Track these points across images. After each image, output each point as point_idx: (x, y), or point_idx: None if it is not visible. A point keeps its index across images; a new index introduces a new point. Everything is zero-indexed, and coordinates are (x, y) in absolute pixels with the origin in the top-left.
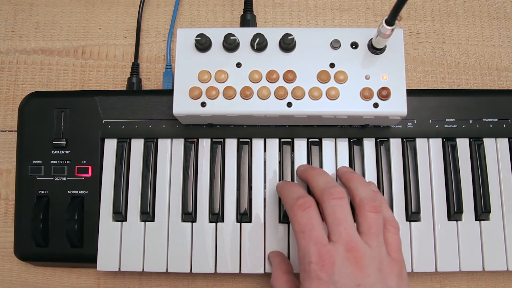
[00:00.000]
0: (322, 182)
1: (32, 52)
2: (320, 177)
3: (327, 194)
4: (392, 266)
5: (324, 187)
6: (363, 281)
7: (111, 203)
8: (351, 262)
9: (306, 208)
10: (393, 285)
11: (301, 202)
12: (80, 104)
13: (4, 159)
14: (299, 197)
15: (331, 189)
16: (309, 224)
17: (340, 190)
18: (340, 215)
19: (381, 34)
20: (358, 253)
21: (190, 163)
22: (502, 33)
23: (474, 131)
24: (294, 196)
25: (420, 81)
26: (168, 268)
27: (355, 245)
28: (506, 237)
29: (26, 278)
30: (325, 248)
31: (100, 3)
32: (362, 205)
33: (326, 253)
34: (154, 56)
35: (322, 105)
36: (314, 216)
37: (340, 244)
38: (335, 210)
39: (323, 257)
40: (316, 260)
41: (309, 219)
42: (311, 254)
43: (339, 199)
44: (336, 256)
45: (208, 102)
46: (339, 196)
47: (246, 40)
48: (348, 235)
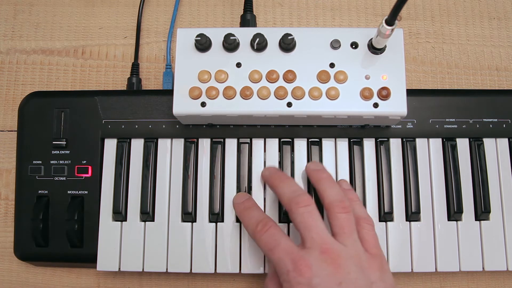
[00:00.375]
0: (288, 191)
1: (32, 52)
2: (285, 185)
3: (294, 204)
4: (371, 261)
5: (290, 196)
6: (344, 278)
7: (111, 203)
8: (328, 263)
9: (266, 231)
10: (375, 278)
11: (260, 226)
12: (80, 104)
13: (4, 159)
14: (258, 222)
15: (298, 198)
16: (273, 241)
17: (306, 198)
18: (309, 221)
19: (381, 34)
20: (333, 253)
21: (190, 163)
22: (502, 33)
23: (474, 131)
24: (252, 222)
25: (420, 81)
26: (168, 268)
27: (330, 247)
28: (506, 237)
29: (26, 278)
30: (298, 254)
31: (100, 3)
32: (331, 207)
33: (300, 259)
34: (154, 56)
35: (322, 105)
36: (275, 233)
37: (314, 249)
38: (304, 218)
39: (297, 262)
40: (292, 268)
41: (272, 237)
42: (286, 264)
43: (306, 207)
44: (311, 260)
45: (208, 102)
46: (305, 204)
47: (246, 40)
48: (321, 238)
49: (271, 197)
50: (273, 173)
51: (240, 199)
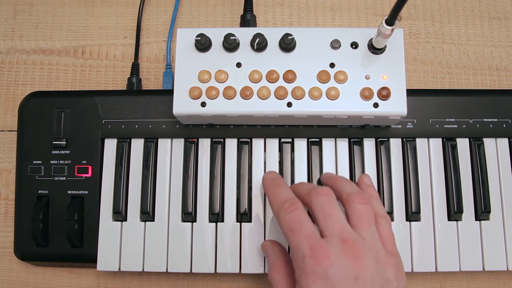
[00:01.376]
0: (308, 187)
1: (32, 52)
2: (304, 184)
3: (314, 193)
4: (389, 258)
5: (310, 189)
6: (362, 273)
7: (111, 203)
8: (347, 254)
9: (294, 210)
10: (391, 276)
11: (288, 204)
12: (80, 104)
13: (4, 159)
14: (286, 200)
15: (318, 189)
16: (297, 222)
17: (326, 188)
18: (329, 209)
19: (381, 34)
20: (354, 244)
21: (190, 163)
22: (502, 33)
23: (474, 131)
24: (280, 199)
25: (420, 81)
26: (168, 268)
27: (350, 237)
28: (506, 237)
29: (26, 278)
30: (318, 242)
31: (100, 3)
32: (350, 199)
33: (319, 247)
34: (154, 56)
35: (322, 105)
36: (301, 214)
37: (334, 237)
38: (324, 206)
39: (316, 250)
40: (309, 254)
41: (297, 217)
42: (304, 249)
43: (326, 196)
44: (330, 249)
45: (208, 102)
46: (325, 193)
47: (246, 40)
48: (341, 227)
49: None
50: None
51: (271, 175)
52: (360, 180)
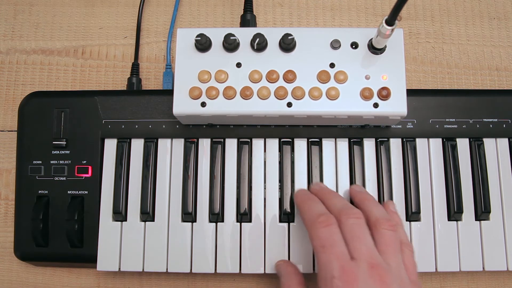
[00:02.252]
0: (339, 204)
1: (32, 52)
2: (336, 199)
3: (344, 214)
4: (412, 287)
5: (341, 208)
6: None
7: (111, 203)
8: (375, 280)
9: (328, 225)
10: None
11: (323, 219)
12: (80, 104)
13: (4, 159)
14: (320, 214)
15: (348, 210)
16: (330, 239)
17: (357, 211)
18: (358, 232)
19: (381, 34)
20: (382, 270)
21: (190, 163)
22: (502, 33)
23: (474, 131)
24: (315, 213)
25: (420, 81)
26: (168, 268)
27: (378, 262)
28: (506, 237)
29: (26, 278)
30: (348, 264)
31: (100, 3)
32: (378, 223)
33: (349, 269)
34: (154, 56)
35: (322, 105)
36: (336, 232)
37: (362, 261)
38: (353, 228)
39: (346, 272)
40: (339, 275)
41: (331, 235)
42: (334, 269)
43: (356, 219)
44: (359, 272)
45: (208, 102)
46: (356, 216)
47: (246, 40)
48: (369, 251)
49: (271, 197)
50: (324, 188)
51: (303, 191)
52: (385, 206)
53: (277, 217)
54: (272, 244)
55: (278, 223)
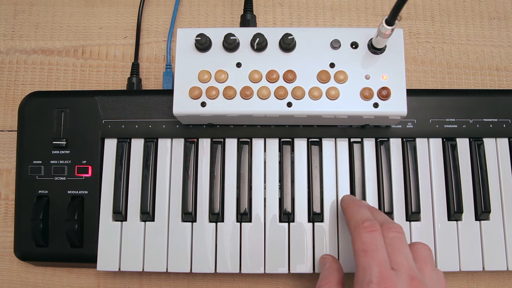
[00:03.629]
0: (380, 217)
1: (32, 52)
2: (377, 213)
3: (386, 227)
4: None
5: (382, 221)
6: None
7: (111, 203)
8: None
9: (372, 231)
10: None
11: (368, 224)
12: (80, 104)
13: (4, 159)
14: (366, 219)
15: (390, 223)
16: (373, 245)
17: (398, 226)
18: (399, 245)
19: (381, 34)
20: (421, 284)
21: (190, 163)
22: (502, 33)
23: (474, 131)
24: (360, 217)
25: (420, 81)
26: (168, 268)
27: (417, 277)
28: (506, 237)
29: (26, 278)
30: (389, 272)
31: (100, 3)
32: (415, 243)
33: (388, 276)
34: (154, 56)
35: (322, 105)
36: (379, 238)
37: (402, 272)
38: (394, 241)
39: (385, 279)
40: (377, 281)
41: (374, 240)
42: (372, 274)
43: (398, 233)
44: (398, 282)
45: (208, 102)
46: (397, 231)
47: (246, 40)
48: (409, 265)
49: (271, 197)
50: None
51: (351, 196)
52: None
53: (277, 217)
54: (272, 244)
55: (278, 223)
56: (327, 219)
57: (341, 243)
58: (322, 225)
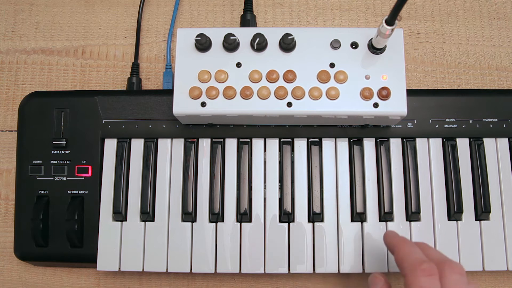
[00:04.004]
0: (437, 255)
1: (32, 52)
2: (432, 250)
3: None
4: None
5: (442, 259)
6: None
7: (111, 203)
8: None
9: (431, 275)
10: None
11: (427, 267)
12: (80, 104)
13: (4, 159)
14: (424, 262)
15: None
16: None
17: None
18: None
19: (381, 34)
20: None
21: (190, 163)
22: (502, 33)
23: (474, 131)
24: (417, 258)
25: (420, 81)
26: (168, 268)
27: None
28: (506, 237)
29: (26, 278)
30: None
31: (100, 3)
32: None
33: None
34: (154, 56)
35: (322, 105)
36: (437, 284)
37: None
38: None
39: None
40: None
41: (433, 285)
42: None
43: (461, 275)
44: None
45: (208, 102)
46: (461, 272)
47: (246, 40)
48: None
49: (271, 197)
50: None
51: (395, 233)
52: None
53: (277, 217)
54: (272, 244)
55: (278, 223)
56: (327, 219)
57: (341, 243)
58: (322, 225)
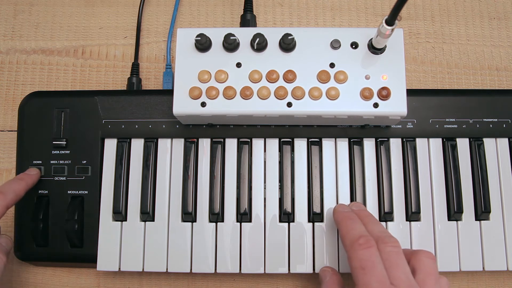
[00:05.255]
0: (377, 230)
1: (32, 52)
2: (375, 225)
3: (381, 242)
4: None
5: (379, 234)
6: None
7: (111, 203)
8: None
9: (368, 247)
10: None
11: (363, 240)
12: (80, 104)
13: (4, 159)
14: (361, 236)
15: (386, 238)
16: (370, 261)
17: (394, 239)
18: (397, 260)
19: (381, 34)
20: None
21: (190, 163)
22: (502, 33)
23: (474, 131)
24: (355, 233)
25: (420, 81)
26: (168, 268)
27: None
28: (506, 237)
29: (26, 278)
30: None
31: (100, 3)
32: (419, 252)
33: None
34: (154, 56)
35: (322, 105)
36: (376, 254)
37: (402, 287)
38: (391, 256)
39: None
40: None
41: (371, 256)
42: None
43: (394, 247)
44: None
45: (208, 102)
46: (394, 245)
47: (246, 40)
48: (408, 280)
49: (271, 197)
50: (363, 210)
51: (343, 208)
52: None
53: (277, 217)
54: (272, 244)
55: (278, 223)
56: (327, 219)
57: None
58: (322, 225)
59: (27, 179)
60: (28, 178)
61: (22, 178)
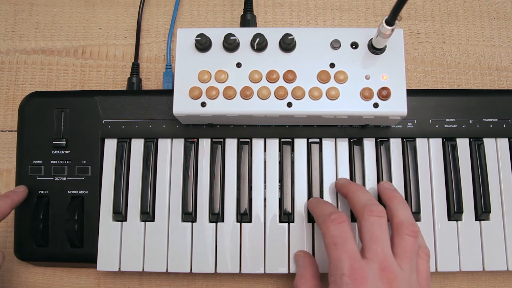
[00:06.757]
0: (364, 198)
1: (32, 52)
2: (361, 193)
3: (367, 211)
4: None
5: (365, 203)
6: None
7: (111, 203)
8: (383, 282)
9: (340, 223)
10: None
11: (335, 216)
12: (80, 104)
13: (4, 159)
14: (332, 213)
15: (372, 206)
16: (342, 237)
17: (381, 209)
18: (378, 233)
19: (381, 34)
20: (392, 274)
21: (190, 163)
22: (502, 33)
23: (474, 131)
24: (327, 212)
25: (420, 81)
26: (168, 268)
27: (390, 266)
28: (506, 237)
29: (26, 278)
30: (359, 263)
31: (100, 3)
32: (401, 227)
33: (359, 268)
34: (154, 56)
35: (322, 105)
36: (347, 230)
37: (374, 262)
38: (374, 228)
39: (356, 271)
40: (348, 273)
41: (342, 232)
42: (344, 267)
43: (379, 217)
44: (369, 272)
45: (208, 102)
46: (379, 215)
47: (246, 40)
48: (384, 254)
49: (271, 197)
50: (349, 181)
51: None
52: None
53: (277, 217)
54: (272, 244)
55: (278, 223)
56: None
57: None
58: None
59: (13, 196)
60: (15, 196)
61: (7, 195)
